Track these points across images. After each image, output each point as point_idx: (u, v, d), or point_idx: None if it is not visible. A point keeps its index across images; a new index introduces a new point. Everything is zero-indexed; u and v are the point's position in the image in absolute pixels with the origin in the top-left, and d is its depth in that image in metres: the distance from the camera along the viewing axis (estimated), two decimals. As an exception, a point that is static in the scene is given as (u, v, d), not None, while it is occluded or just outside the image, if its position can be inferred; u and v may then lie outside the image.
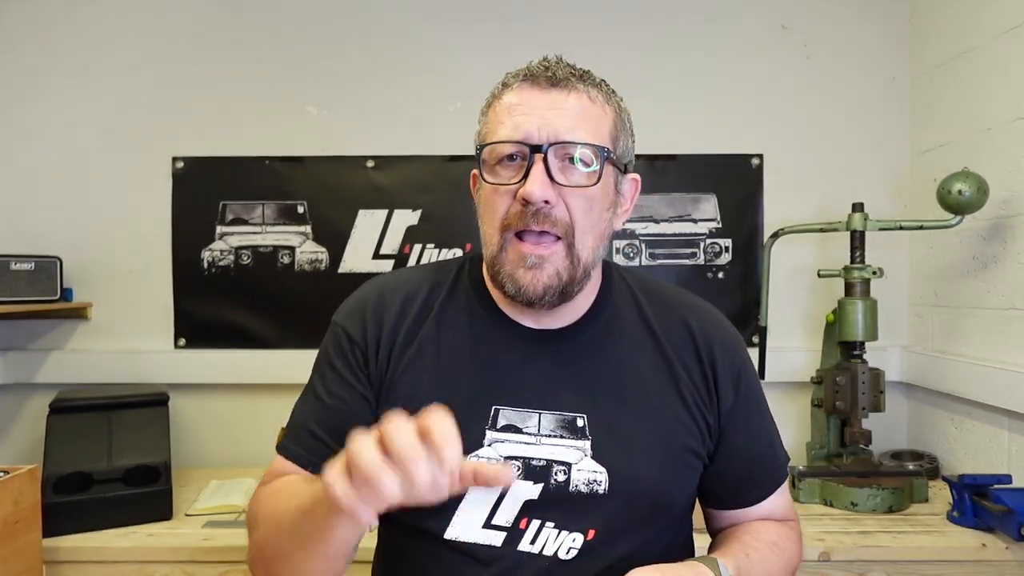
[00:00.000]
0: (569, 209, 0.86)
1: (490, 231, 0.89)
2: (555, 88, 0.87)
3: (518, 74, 0.90)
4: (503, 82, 0.92)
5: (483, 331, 0.93)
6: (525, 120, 0.85)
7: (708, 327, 0.98)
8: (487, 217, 0.89)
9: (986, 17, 1.72)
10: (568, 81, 0.87)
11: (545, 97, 0.87)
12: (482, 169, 0.89)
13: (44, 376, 2.00)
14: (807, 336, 2.04)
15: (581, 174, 0.86)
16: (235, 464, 2.00)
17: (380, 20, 2.05)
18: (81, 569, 1.45)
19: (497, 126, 0.88)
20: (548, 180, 0.84)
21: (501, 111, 0.89)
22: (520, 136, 0.85)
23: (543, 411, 0.90)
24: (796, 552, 0.99)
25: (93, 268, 2.03)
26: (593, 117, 0.87)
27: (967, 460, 1.78)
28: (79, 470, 1.56)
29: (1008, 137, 1.64)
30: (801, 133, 2.05)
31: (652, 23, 2.04)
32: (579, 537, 0.87)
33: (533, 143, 0.84)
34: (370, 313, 0.95)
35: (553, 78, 0.87)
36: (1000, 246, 1.68)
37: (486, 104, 0.93)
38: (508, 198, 0.86)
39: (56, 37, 2.03)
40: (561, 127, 0.85)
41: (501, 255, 0.87)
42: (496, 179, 0.87)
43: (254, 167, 2.04)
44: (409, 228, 2.04)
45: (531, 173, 0.84)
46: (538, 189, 0.83)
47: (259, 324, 2.04)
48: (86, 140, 2.03)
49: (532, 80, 0.88)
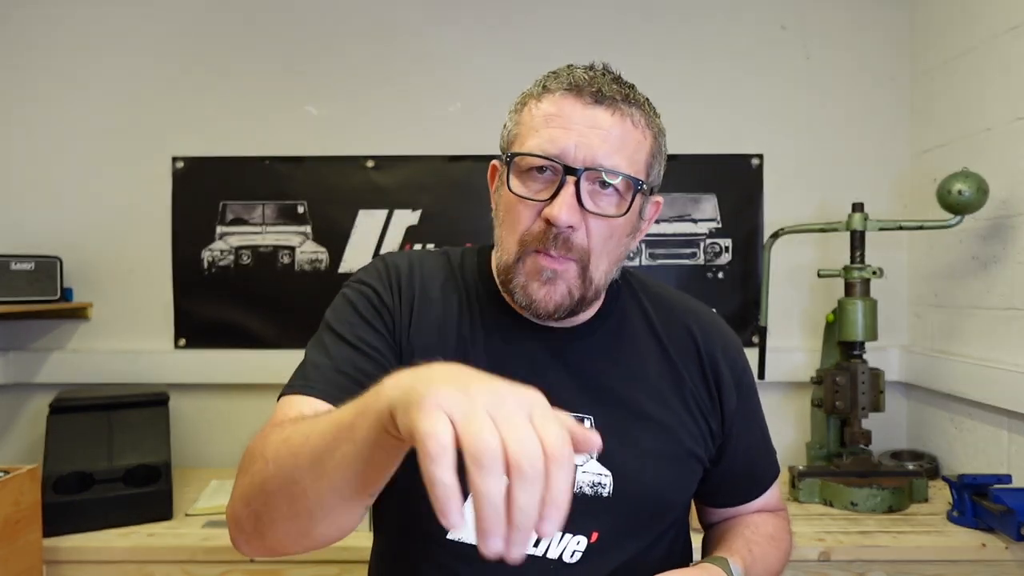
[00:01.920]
0: (589, 235, 0.83)
1: (508, 240, 0.86)
2: (599, 105, 0.82)
3: (560, 80, 0.84)
4: (543, 84, 0.86)
5: (491, 327, 0.92)
6: (563, 135, 0.81)
7: (711, 333, 0.98)
8: (507, 225, 0.86)
9: (986, 17, 1.72)
10: (613, 100, 0.83)
11: (586, 113, 0.82)
12: (509, 173, 0.85)
13: (44, 376, 2.00)
14: (807, 336, 2.04)
15: (610, 203, 0.84)
16: (235, 464, 1.97)
17: (380, 20, 2.05)
18: (81, 569, 1.45)
19: (531, 133, 0.84)
20: (576, 204, 0.81)
21: (538, 117, 0.84)
22: (555, 152, 0.81)
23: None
24: (789, 542, 1.03)
25: (93, 268, 2.03)
26: (632, 143, 0.84)
27: (967, 460, 1.78)
28: (79, 470, 1.56)
29: (1008, 137, 1.64)
30: (801, 133, 2.05)
31: (652, 23, 2.04)
32: (583, 540, 0.87)
33: (567, 163, 0.81)
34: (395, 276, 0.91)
35: (598, 94, 0.82)
36: (1000, 246, 1.68)
37: (520, 102, 0.89)
38: (532, 213, 0.83)
39: (56, 37, 2.03)
40: (599, 151, 0.81)
41: (517, 265, 0.85)
42: (523, 190, 0.84)
43: (254, 167, 2.04)
44: (409, 228, 2.04)
45: (560, 195, 0.81)
46: (565, 214, 0.80)
47: (259, 324, 2.04)
48: (86, 140, 2.03)
49: (576, 92, 0.83)
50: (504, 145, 0.89)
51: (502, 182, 0.87)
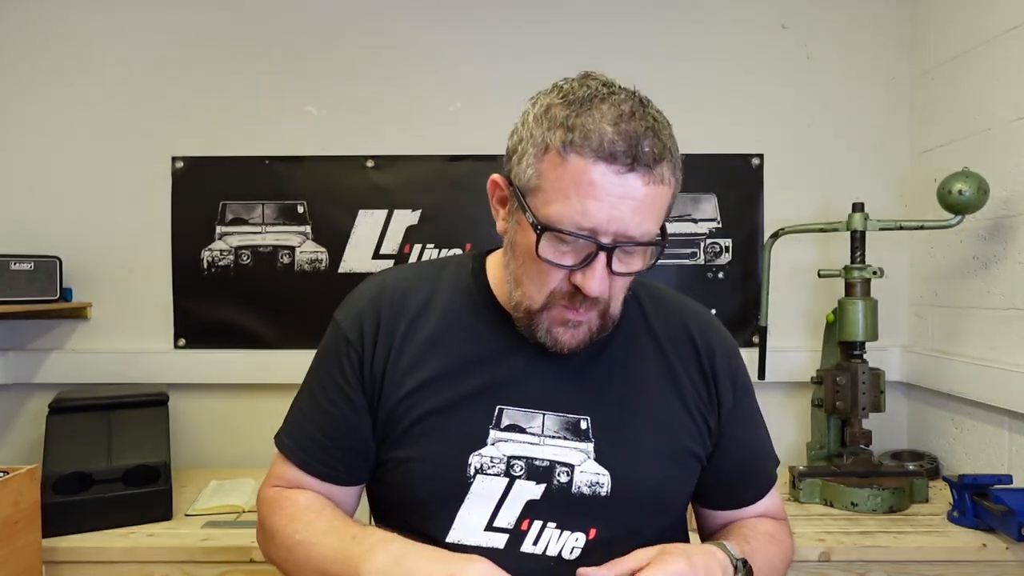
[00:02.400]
0: (613, 288, 0.85)
1: (533, 292, 0.86)
2: (632, 172, 0.78)
3: (590, 140, 0.78)
4: (570, 140, 0.78)
5: (488, 332, 0.93)
6: (595, 209, 0.78)
7: (707, 332, 0.99)
8: (533, 279, 0.85)
9: (986, 17, 1.72)
10: (647, 167, 0.79)
11: (619, 183, 0.78)
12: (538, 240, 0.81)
13: (44, 376, 2.00)
14: (807, 336, 2.04)
15: (637, 260, 0.85)
16: (235, 464, 2.00)
17: (380, 20, 2.05)
18: (81, 569, 1.45)
19: (557, 195, 0.79)
20: (607, 276, 0.82)
21: (565, 179, 0.79)
22: (588, 227, 0.79)
23: (547, 412, 0.90)
24: (791, 546, 1.02)
25: (93, 268, 2.03)
26: (661, 204, 0.82)
27: (967, 460, 1.78)
28: (79, 470, 1.56)
29: (1008, 137, 1.64)
30: (801, 133, 2.05)
31: (652, 23, 2.03)
32: (581, 537, 0.88)
33: (600, 240, 0.79)
34: (368, 314, 0.94)
35: (633, 162, 0.78)
36: (1000, 246, 1.68)
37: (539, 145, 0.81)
38: (561, 275, 0.83)
39: (56, 37, 2.03)
40: (631, 223, 0.79)
41: (541, 315, 0.86)
42: (553, 255, 0.82)
43: (254, 167, 2.04)
44: (409, 228, 2.04)
45: (594, 268, 0.81)
46: (596, 286, 0.81)
47: (259, 324, 2.04)
48: (86, 140, 2.03)
49: (608, 160, 0.77)
50: (521, 182, 0.83)
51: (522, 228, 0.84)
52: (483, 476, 0.87)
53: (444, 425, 0.89)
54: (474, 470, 0.87)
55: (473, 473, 0.87)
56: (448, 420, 0.89)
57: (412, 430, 0.90)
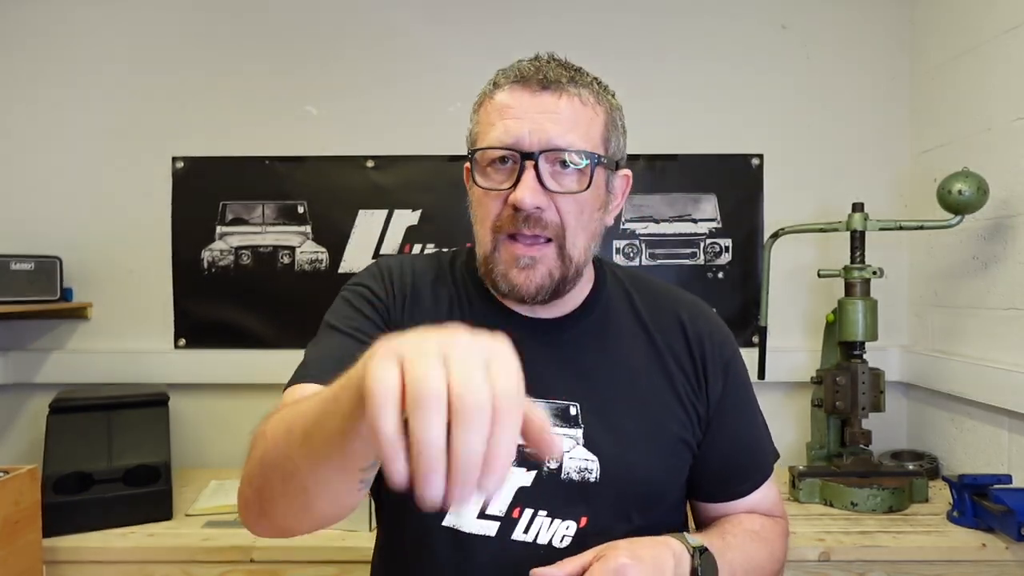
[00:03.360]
0: (560, 212, 0.87)
1: (482, 232, 0.90)
2: (546, 91, 0.87)
3: (508, 74, 0.90)
4: (494, 81, 0.92)
5: (480, 320, 0.93)
6: (516, 125, 0.86)
7: (698, 320, 0.99)
8: (479, 218, 0.91)
9: (986, 17, 1.72)
10: (559, 84, 0.87)
11: (536, 100, 0.86)
12: (474, 170, 0.90)
13: (44, 376, 2.00)
14: (807, 336, 2.04)
15: (572, 179, 0.87)
16: (235, 464, 1.98)
17: (380, 20, 2.05)
18: (81, 569, 1.45)
19: (488, 128, 0.89)
20: (539, 187, 0.85)
21: (492, 112, 0.89)
22: (510, 141, 0.86)
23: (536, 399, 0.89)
24: (780, 546, 1.00)
25: (93, 268, 2.03)
26: (584, 120, 0.88)
27: (967, 460, 1.78)
28: (79, 470, 1.56)
29: (1008, 137, 1.64)
30: (801, 133, 2.05)
31: (651, 23, 2.04)
32: (572, 525, 0.88)
33: (524, 149, 0.85)
34: (390, 276, 0.97)
35: (544, 80, 0.87)
36: (1000, 246, 1.68)
37: (477, 102, 0.94)
38: (499, 202, 0.88)
39: (56, 37, 2.03)
40: (552, 132, 0.85)
41: (494, 255, 0.89)
42: (487, 182, 0.89)
43: (254, 167, 2.04)
44: (409, 228, 2.04)
45: (522, 180, 0.85)
46: (529, 196, 0.84)
47: (259, 324, 2.04)
48: (86, 140, 2.03)
49: (523, 82, 0.87)
50: (469, 145, 0.94)
51: (470, 180, 0.92)
52: None
53: None
54: None
55: None
56: None
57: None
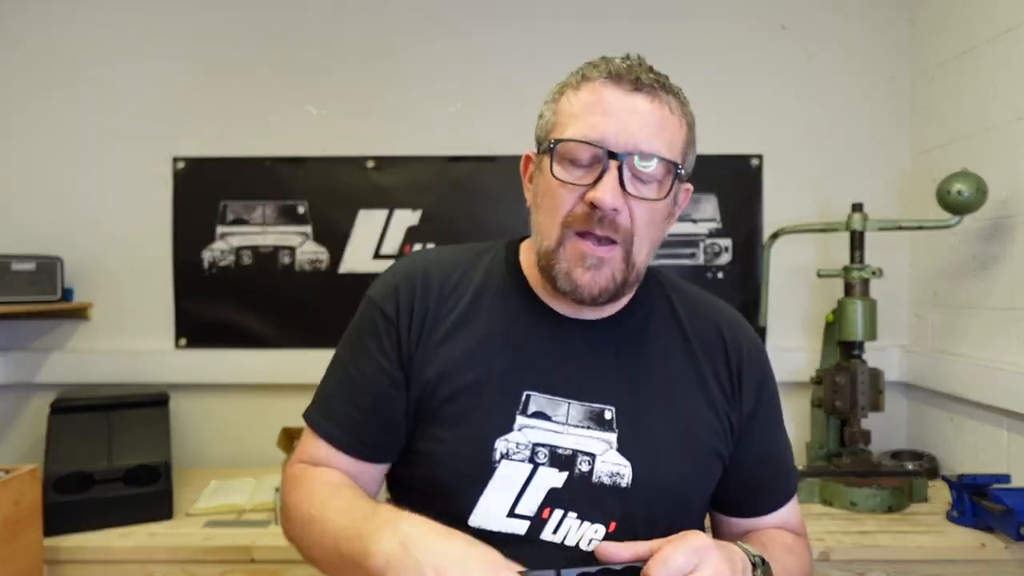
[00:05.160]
0: (633, 217, 0.85)
1: (549, 225, 0.87)
2: (637, 92, 0.85)
3: (601, 69, 0.87)
4: (582, 74, 0.88)
5: (518, 315, 0.93)
6: (603, 122, 0.84)
7: (738, 335, 0.99)
8: (548, 210, 0.87)
9: (986, 17, 1.72)
10: (652, 88, 0.85)
11: (626, 100, 0.85)
12: (553, 160, 0.86)
13: (45, 376, 2.00)
14: (807, 336, 2.04)
15: (652, 187, 0.86)
16: (235, 464, 2.00)
17: (380, 20, 2.05)
18: (81, 569, 1.45)
19: (571, 121, 0.86)
20: (620, 188, 0.83)
21: (577, 105, 0.86)
22: (597, 137, 0.83)
23: (572, 400, 0.90)
24: (808, 562, 0.99)
25: (93, 268, 2.03)
26: (670, 129, 0.86)
27: (966, 460, 1.78)
28: (80, 470, 1.56)
29: (1008, 137, 1.64)
30: (801, 133, 2.05)
31: (652, 23, 2.04)
32: (601, 528, 0.88)
33: (610, 148, 0.83)
34: (403, 291, 0.94)
35: (637, 81, 0.85)
36: (1000, 246, 1.68)
37: (557, 92, 0.90)
38: (575, 197, 0.85)
39: (56, 38, 2.03)
40: (640, 136, 0.83)
41: (559, 250, 0.87)
42: (565, 175, 0.85)
43: (254, 167, 2.05)
44: (409, 228, 2.04)
45: (604, 179, 0.82)
46: (610, 197, 0.82)
47: (259, 324, 2.04)
48: (86, 140, 2.04)
49: (615, 80, 0.85)
50: (541, 134, 0.90)
51: (541, 170, 0.89)
52: (508, 461, 0.87)
53: (472, 407, 0.89)
54: (500, 455, 0.87)
55: (499, 458, 0.87)
56: (476, 403, 0.89)
57: (441, 409, 0.90)
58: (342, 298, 1.99)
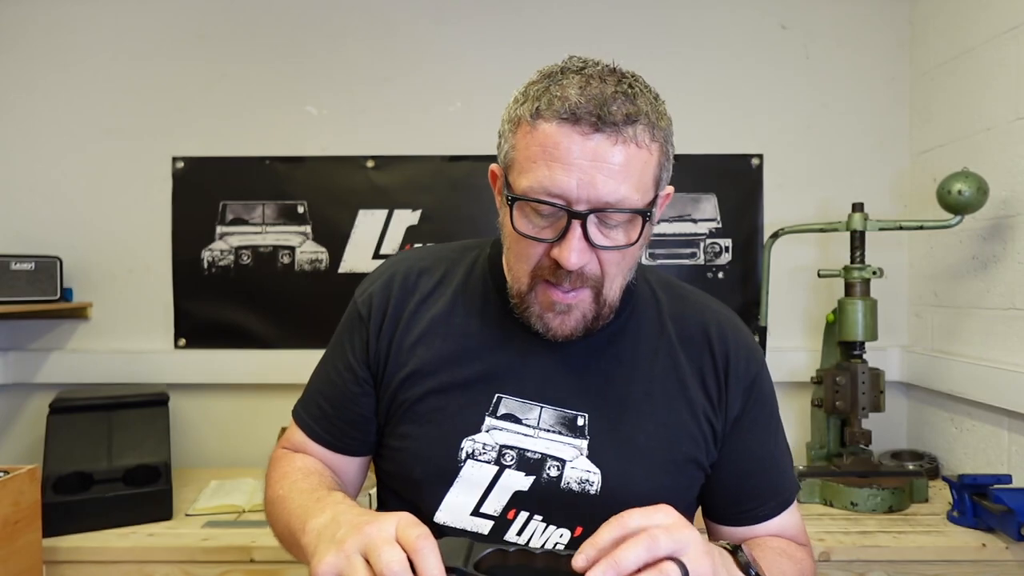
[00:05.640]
0: (602, 265, 0.82)
1: (519, 271, 0.85)
2: (599, 133, 0.76)
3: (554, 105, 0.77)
4: (536, 108, 0.78)
5: (496, 318, 0.93)
6: (563, 175, 0.76)
7: (727, 333, 0.95)
8: (517, 258, 0.85)
9: (986, 17, 1.72)
10: (614, 126, 0.76)
11: (587, 146, 0.76)
12: (512, 211, 0.80)
13: (44, 376, 2.00)
14: (807, 336, 2.04)
15: (620, 233, 0.81)
16: (235, 464, 2.00)
17: (380, 20, 2.05)
18: (81, 569, 1.45)
19: (529, 166, 0.78)
20: (586, 245, 0.78)
21: (533, 147, 0.78)
22: (558, 193, 0.77)
23: (545, 405, 0.89)
24: (810, 567, 0.93)
25: (93, 268, 2.03)
26: (638, 168, 0.78)
27: (967, 460, 1.78)
28: (79, 470, 1.56)
29: (1008, 137, 1.64)
30: (801, 133, 2.05)
31: (652, 23, 2.04)
32: (566, 533, 0.87)
33: (572, 205, 0.77)
34: (380, 291, 0.96)
35: (598, 122, 0.75)
36: (1000, 246, 1.68)
37: (513, 119, 0.82)
38: (540, 251, 0.81)
39: (56, 37, 2.03)
40: (604, 188, 0.76)
41: (530, 295, 0.85)
42: (529, 228, 0.81)
43: (254, 167, 2.04)
44: (409, 228, 2.04)
45: (568, 239, 0.78)
46: (575, 258, 0.78)
47: (259, 324, 2.04)
48: (86, 140, 2.03)
49: (572, 122, 0.76)
50: (502, 162, 0.85)
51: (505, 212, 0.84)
52: (473, 462, 0.87)
53: (443, 407, 0.89)
54: (465, 455, 0.87)
55: (464, 458, 0.87)
56: (447, 403, 0.89)
57: (414, 408, 0.90)
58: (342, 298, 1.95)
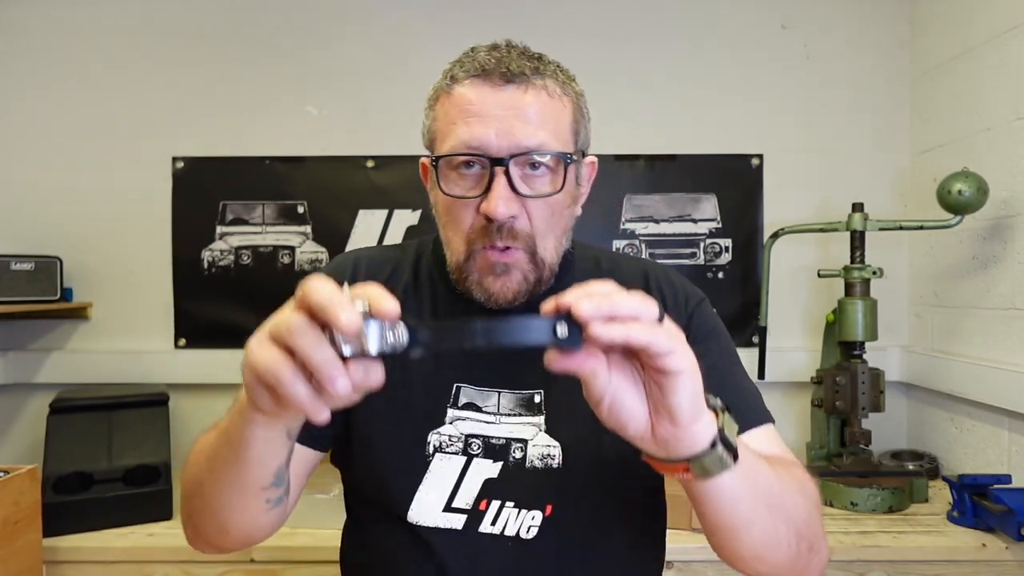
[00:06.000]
0: (531, 218, 0.83)
1: (455, 241, 0.86)
2: (510, 84, 0.80)
3: (467, 67, 0.82)
4: (451, 74, 0.84)
5: (444, 309, 0.93)
6: (481, 126, 0.80)
7: (661, 277, 0.96)
8: (450, 225, 0.86)
9: (986, 17, 1.72)
10: (523, 76, 0.81)
11: (500, 97, 0.80)
12: (438, 176, 0.84)
13: (44, 376, 2.00)
14: (807, 336, 2.04)
15: (544, 181, 0.82)
16: (235, 464, 1.99)
17: (380, 19, 2.05)
18: (81, 569, 1.45)
19: (449, 129, 0.82)
20: (512, 194, 0.80)
21: (452, 111, 0.83)
22: (477, 145, 0.80)
23: (503, 389, 0.89)
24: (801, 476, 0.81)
25: (93, 268, 2.03)
26: (553, 115, 0.82)
27: (967, 460, 1.78)
28: (79, 470, 1.56)
29: (1008, 137, 1.64)
30: (801, 133, 2.05)
31: (651, 23, 2.03)
32: (538, 514, 0.87)
33: (492, 154, 0.79)
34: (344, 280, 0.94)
35: (508, 73, 0.80)
36: (1000, 246, 1.68)
37: (432, 97, 0.87)
38: (471, 211, 0.83)
39: (56, 37, 2.03)
40: (521, 134, 0.79)
41: (468, 263, 0.85)
42: (456, 189, 0.83)
43: (254, 167, 2.04)
44: (409, 228, 2.04)
45: (493, 188, 0.79)
46: (503, 206, 0.79)
47: (259, 324, 2.03)
48: (86, 140, 2.03)
49: (484, 76, 0.81)
50: (427, 143, 0.89)
51: (434, 184, 0.87)
52: (441, 454, 0.87)
53: (403, 402, 0.88)
54: (433, 448, 0.87)
55: (432, 451, 0.87)
56: (407, 396, 0.89)
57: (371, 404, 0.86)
58: (342, 298, 1.98)
